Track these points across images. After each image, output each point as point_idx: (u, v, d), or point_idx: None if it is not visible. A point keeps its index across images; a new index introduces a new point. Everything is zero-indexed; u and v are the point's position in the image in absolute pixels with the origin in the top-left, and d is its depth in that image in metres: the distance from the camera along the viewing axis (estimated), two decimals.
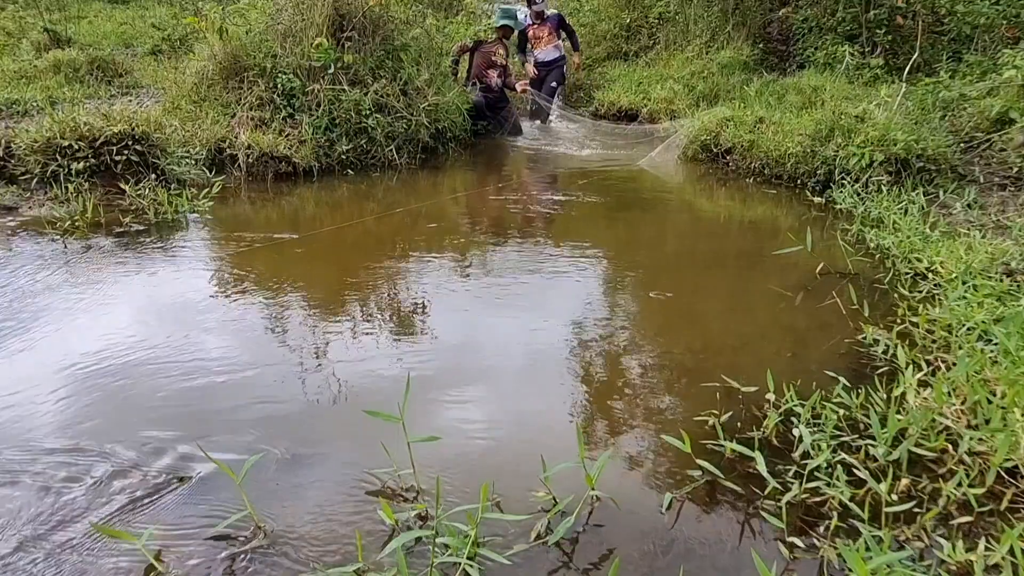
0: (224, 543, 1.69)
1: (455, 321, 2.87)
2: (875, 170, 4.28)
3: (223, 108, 5.00)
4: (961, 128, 4.81)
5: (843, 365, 2.48)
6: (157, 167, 4.24)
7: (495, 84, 6.45)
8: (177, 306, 2.89)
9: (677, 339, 2.81)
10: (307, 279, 3.22)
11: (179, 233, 3.72)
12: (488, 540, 1.70)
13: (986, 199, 4.11)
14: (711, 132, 5.36)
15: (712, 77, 6.92)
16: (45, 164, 4.05)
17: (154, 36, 8.30)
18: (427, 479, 1.89)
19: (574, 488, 1.82)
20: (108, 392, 2.27)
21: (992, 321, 2.52)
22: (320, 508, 1.81)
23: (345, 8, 5.24)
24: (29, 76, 6.71)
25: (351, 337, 2.70)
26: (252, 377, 2.40)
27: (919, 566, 1.60)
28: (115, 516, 1.76)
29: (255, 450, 1.95)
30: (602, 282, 3.34)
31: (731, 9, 7.33)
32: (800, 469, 1.90)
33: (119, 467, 1.93)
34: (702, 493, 1.89)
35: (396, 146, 5.20)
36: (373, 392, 2.34)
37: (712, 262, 3.61)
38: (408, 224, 4.01)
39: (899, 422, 1.99)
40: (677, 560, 1.66)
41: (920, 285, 3.10)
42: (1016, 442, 1.87)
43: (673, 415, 2.26)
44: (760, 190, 4.78)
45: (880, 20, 6.16)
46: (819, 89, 5.60)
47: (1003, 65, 4.79)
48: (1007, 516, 1.78)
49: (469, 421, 2.19)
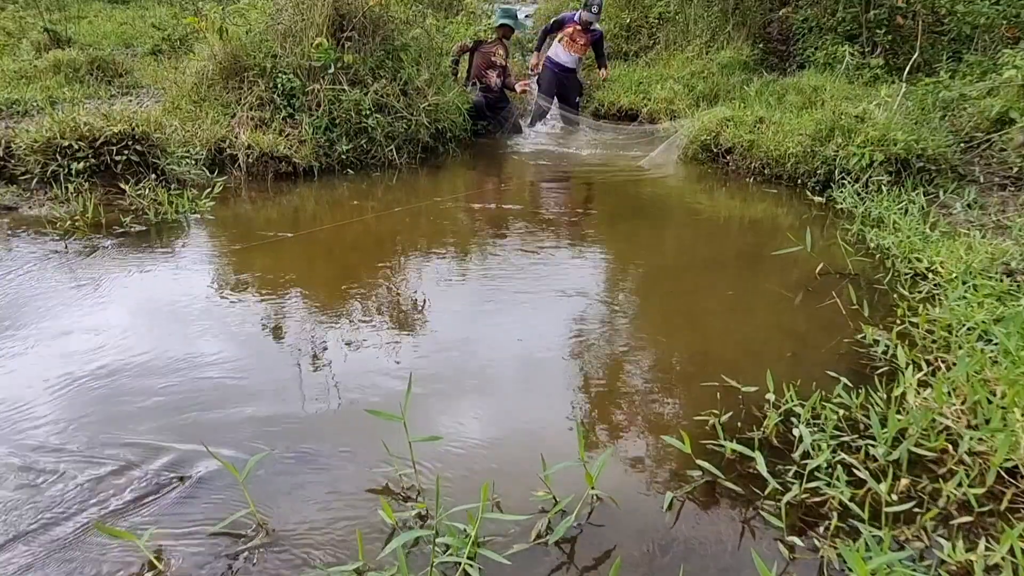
0: (226, 541, 1.69)
1: (455, 320, 2.87)
2: (875, 170, 4.28)
3: (223, 108, 4.99)
4: (961, 128, 4.81)
5: (843, 365, 2.48)
6: (157, 167, 4.23)
7: (495, 84, 6.45)
8: (177, 306, 2.89)
9: (677, 339, 2.82)
10: (307, 279, 3.22)
11: (179, 233, 3.72)
12: (488, 540, 1.70)
13: (986, 199, 4.11)
14: (711, 132, 5.36)
15: (712, 77, 6.91)
16: (45, 164, 4.05)
17: (154, 36, 8.29)
18: (427, 478, 1.90)
19: (574, 488, 1.82)
20: (108, 392, 2.27)
21: (992, 321, 2.52)
22: (320, 507, 1.81)
23: (345, 8, 5.23)
24: (29, 76, 6.70)
25: (351, 337, 2.70)
26: (253, 377, 2.40)
27: (919, 566, 1.60)
28: (116, 515, 1.76)
29: (255, 449, 1.96)
30: (602, 282, 3.34)
31: (731, 9, 7.33)
32: (800, 469, 1.91)
33: (119, 467, 1.93)
34: (702, 493, 1.89)
35: (396, 146, 5.19)
36: (374, 392, 2.34)
37: (712, 262, 3.61)
38: (408, 224, 4.01)
39: (899, 422, 1.99)
40: (677, 560, 1.66)
41: (920, 285, 3.10)
42: (1016, 442, 1.88)
43: (673, 415, 2.26)
44: (760, 190, 4.78)
45: (880, 20, 6.16)
46: (819, 89, 5.60)
47: (1003, 65, 4.79)
48: (1007, 516, 1.78)
49: (469, 421, 2.19)
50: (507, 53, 6.66)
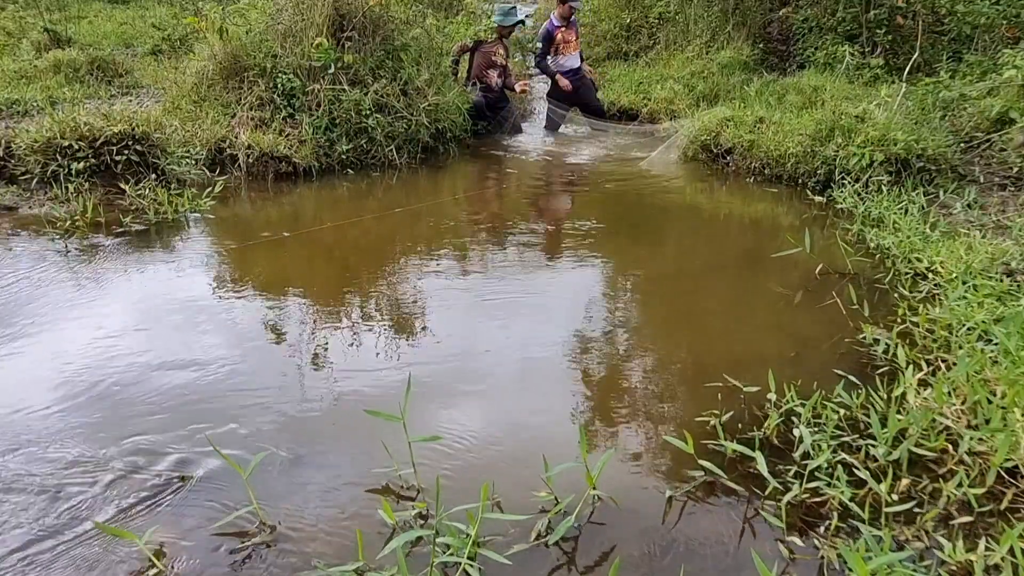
0: (228, 540, 1.70)
1: (455, 320, 2.87)
2: (875, 170, 4.27)
3: (223, 108, 4.99)
4: (961, 128, 4.81)
5: (843, 365, 2.48)
6: (157, 167, 4.24)
7: (495, 84, 6.45)
8: (177, 305, 2.89)
9: (678, 339, 2.82)
10: (308, 279, 3.22)
11: (179, 233, 3.72)
12: (488, 539, 1.70)
13: (986, 199, 4.11)
14: (711, 132, 5.35)
15: (712, 77, 6.91)
16: (45, 164, 4.05)
17: (154, 36, 8.28)
18: (427, 478, 1.90)
19: (575, 488, 1.82)
20: (109, 391, 2.28)
21: (992, 321, 2.52)
22: (321, 507, 1.81)
23: (345, 8, 5.23)
24: (29, 76, 6.69)
25: (352, 337, 2.70)
26: (253, 377, 2.41)
27: (919, 566, 1.60)
28: (119, 515, 1.76)
29: (257, 449, 1.96)
30: (603, 282, 3.34)
31: (731, 9, 7.32)
32: (801, 469, 1.91)
33: (120, 466, 1.93)
34: (703, 493, 1.89)
35: (396, 146, 5.19)
36: (374, 392, 2.34)
37: (713, 262, 3.61)
38: (408, 224, 4.01)
39: (899, 422, 1.99)
40: (677, 560, 1.66)
41: (920, 285, 3.10)
42: (1016, 442, 1.88)
43: (674, 415, 2.26)
44: (760, 190, 4.78)
45: (880, 20, 6.15)
46: (819, 89, 5.59)
47: (1003, 65, 4.79)
48: (1007, 516, 1.78)
49: (470, 420, 2.19)
50: (508, 53, 6.64)
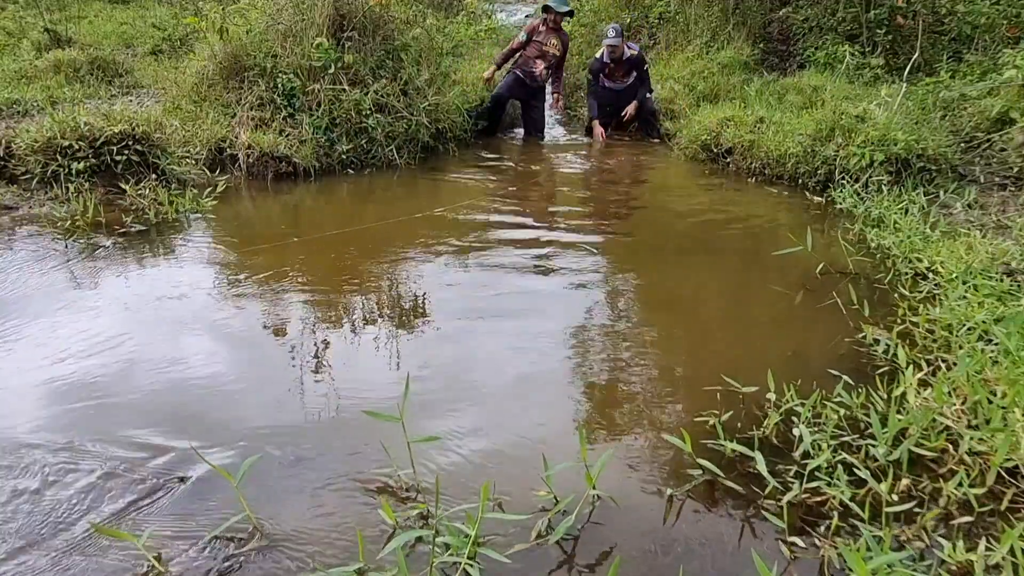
0: (228, 540, 1.69)
1: (455, 321, 2.87)
2: (875, 170, 4.27)
3: (223, 108, 4.99)
4: (961, 128, 4.81)
5: (843, 365, 2.48)
6: (157, 167, 4.23)
7: (540, 75, 6.09)
8: (177, 305, 2.89)
9: (678, 338, 2.82)
10: (308, 279, 3.22)
11: (180, 233, 3.72)
12: (488, 539, 1.70)
13: (986, 199, 4.11)
14: (711, 132, 5.36)
15: (712, 77, 6.90)
16: (45, 164, 4.05)
17: (154, 36, 8.27)
18: (427, 479, 1.89)
19: (575, 487, 1.82)
20: (107, 392, 2.27)
21: (992, 321, 2.52)
22: (320, 508, 1.81)
23: (345, 8, 5.23)
24: (29, 76, 6.69)
25: (351, 338, 2.70)
26: (251, 377, 2.41)
27: (919, 566, 1.60)
28: (116, 516, 1.76)
29: (255, 450, 1.96)
30: (602, 282, 3.34)
31: (731, 9, 7.32)
32: (800, 469, 1.91)
33: (116, 468, 1.93)
34: (702, 493, 1.89)
35: (396, 146, 5.19)
36: (373, 392, 2.34)
37: (713, 262, 3.61)
38: (408, 226, 4.01)
39: (900, 422, 1.99)
40: (677, 560, 1.66)
41: (920, 285, 3.10)
42: (1016, 442, 1.87)
43: (674, 415, 2.26)
44: (761, 190, 4.78)
45: (880, 20, 6.15)
46: (819, 89, 5.59)
47: (1003, 65, 4.79)
48: (1007, 516, 1.78)
49: (469, 421, 2.19)
50: (564, 48, 6.19)
